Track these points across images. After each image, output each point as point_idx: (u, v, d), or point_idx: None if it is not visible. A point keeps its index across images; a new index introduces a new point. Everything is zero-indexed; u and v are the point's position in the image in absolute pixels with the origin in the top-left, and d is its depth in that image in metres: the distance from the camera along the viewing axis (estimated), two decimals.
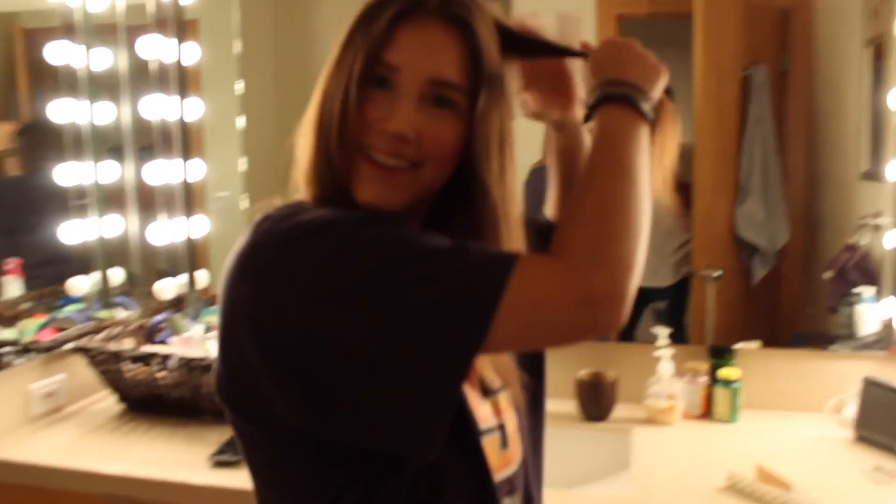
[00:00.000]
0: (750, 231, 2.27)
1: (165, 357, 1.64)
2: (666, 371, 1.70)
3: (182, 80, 2.03)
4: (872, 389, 1.50)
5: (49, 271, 2.03)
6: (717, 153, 2.56)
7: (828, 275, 2.19)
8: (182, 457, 1.51)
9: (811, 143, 2.85)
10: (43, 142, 2.00)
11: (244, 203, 2.56)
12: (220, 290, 0.76)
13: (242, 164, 2.54)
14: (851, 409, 1.56)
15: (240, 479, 1.40)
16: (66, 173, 1.96)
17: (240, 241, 0.75)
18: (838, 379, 1.70)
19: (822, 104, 2.79)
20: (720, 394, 1.67)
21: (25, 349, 1.72)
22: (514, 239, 0.79)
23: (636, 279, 0.70)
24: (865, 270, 2.11)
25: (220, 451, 1.49)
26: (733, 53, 2.90)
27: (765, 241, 2.19)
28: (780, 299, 2.09)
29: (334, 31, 2.87)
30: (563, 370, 1.68)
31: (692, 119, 2.37)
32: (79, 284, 1.99)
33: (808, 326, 2.02)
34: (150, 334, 1.82)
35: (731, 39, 2.87)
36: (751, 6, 2.88)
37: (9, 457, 1.52)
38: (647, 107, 0.78)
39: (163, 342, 1.81)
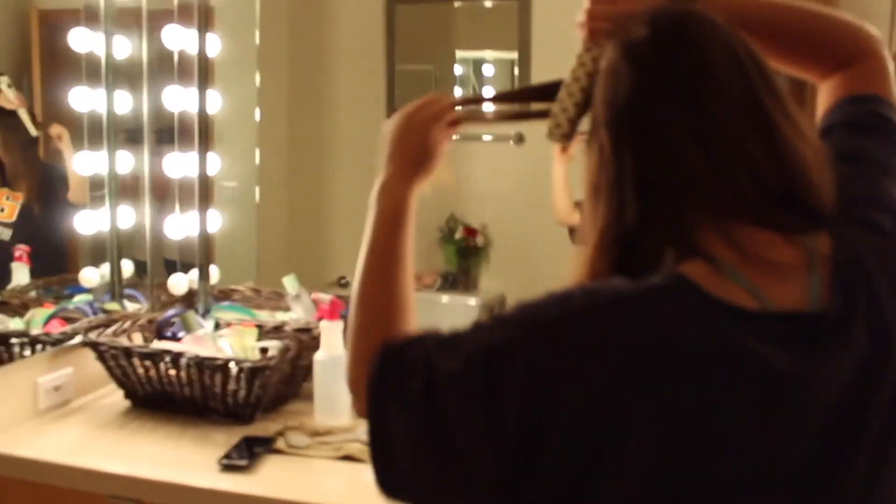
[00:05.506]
0: None
1: (177, 354, 1.62)
2: None
3: (203, 72, 2.01)
4: None
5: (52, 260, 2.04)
6: None
7: None
8: (190, 458, 1.49)
9: None
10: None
11: (256, 196, 2.56)
12: None
13: (256, 156, 2.53)
14: None
15: (248, 484, 1.39)
16: (82, 162, 1.95)
17: None
18: None
19: None
20: None
21: (34, 341, 1.70)
22: None
23: (360, 367, 0.82)
24: None
25: (230, 455, 1.47)
26: None
27: None
28: None
29: (350, 26, 2.88)
30: None
31: None
32: (88, 275, 1.98)
33: None
34: (160, 330, 1.80)
35: None
36: None
37: (16, 452, 1.50)
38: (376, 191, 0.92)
39: (173, 338, 1.79)
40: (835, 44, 0.92)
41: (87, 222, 1.96)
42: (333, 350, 1.63)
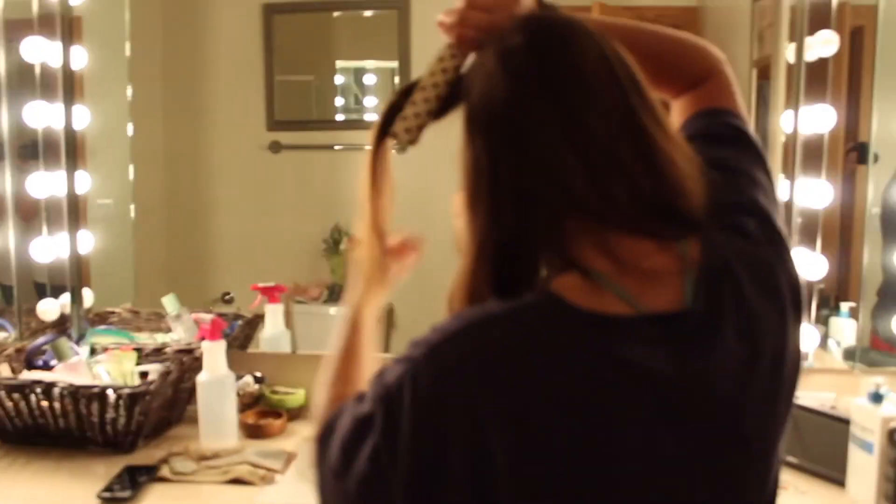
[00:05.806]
0: None
1: (49, 385, 1.53)
2: None
3: (68, 85, 1.90)
4: None
5: None
6: None
7: None
8: (68, 494, 1.41)
9: None
10: None
11: (131, 213, 2.44)
12: None
13: (129, 172, 2.43)
14: None
15: None
16: None
17: None
18: None
19: None
20: None
21: None
22: None
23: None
24: None
25: (110, 487, 1.40)
26: None
27: None
28: None
29: (227, 37, 2.81)
30: None
31: None
32: None
33: None
34: (30, 359, 1.69)
35: None
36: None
37: None
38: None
39: (44, 367, 1.68)
40: (686, 64, 0.96)
41: None
42: (216, 371, 1.57)
